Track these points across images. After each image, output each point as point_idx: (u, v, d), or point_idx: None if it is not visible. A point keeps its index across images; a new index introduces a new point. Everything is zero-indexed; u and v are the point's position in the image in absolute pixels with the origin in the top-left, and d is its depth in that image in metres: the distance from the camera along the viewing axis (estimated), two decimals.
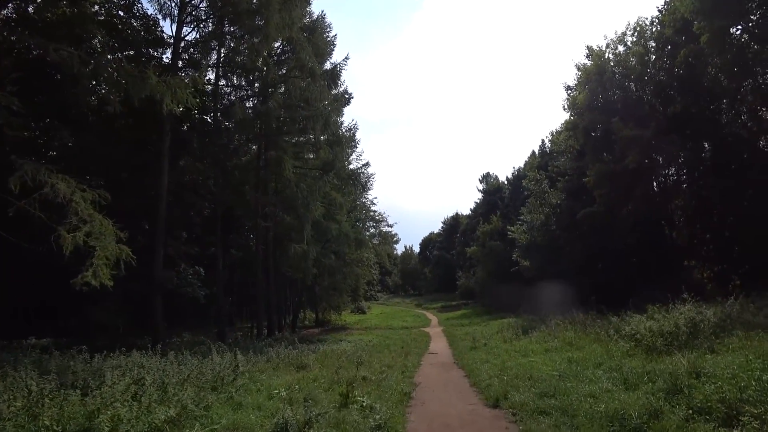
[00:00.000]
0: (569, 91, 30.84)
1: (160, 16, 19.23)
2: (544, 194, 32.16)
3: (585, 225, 27.95)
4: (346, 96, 29.68)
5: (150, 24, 19.69)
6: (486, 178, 70.36)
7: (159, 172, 17.66)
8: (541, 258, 32.20)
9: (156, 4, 18.63)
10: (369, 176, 30.46)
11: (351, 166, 29.17)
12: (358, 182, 27.81)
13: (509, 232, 36.03)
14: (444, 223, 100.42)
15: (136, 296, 17.58)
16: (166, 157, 18.07)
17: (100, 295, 16.65)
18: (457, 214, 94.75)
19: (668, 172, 27.64)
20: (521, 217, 35.26)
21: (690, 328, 9.61)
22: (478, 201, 69.77)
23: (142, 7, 22.73)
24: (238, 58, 20.31)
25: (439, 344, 22.22)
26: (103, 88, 16.37)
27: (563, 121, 35.12)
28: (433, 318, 45.63)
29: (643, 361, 8.82)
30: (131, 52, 18.96)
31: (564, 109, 31.39)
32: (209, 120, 21.83)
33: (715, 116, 24.33)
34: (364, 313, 52.73)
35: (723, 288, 24.54)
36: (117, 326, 17.76)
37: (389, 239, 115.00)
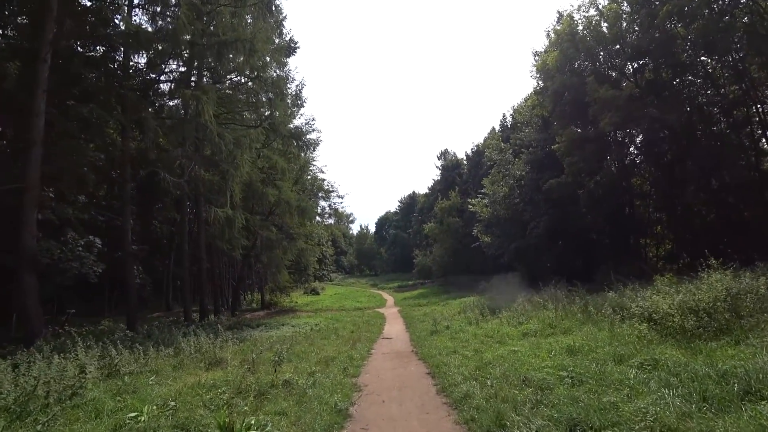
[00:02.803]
0: (536, 57, 28.65)
1: None
2: (508, 165, 29.93)
3: (551, 198, 25.99)
4: (292, 45, 25.99)
5: None
6: (444, 154, 68.11)
7: (31, 110, 13.47)
8: (504, 233, 30.20)
9: None
10: (316, 139, 26.92)
11: (296, 122, 25.48)
12: (302, 141, 24.17)
13: (470, 206, 33.77)
14: (400, 201, 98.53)
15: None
16: (42, 90, 13.84)
17: None
18: (413, 192, 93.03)
19: (637, 141, 26.15)
20: (482, 190, 32.98)
21: (729, 304, 7.20)
22: (436, 178, 67.71)
23: None
24: None
25: (394, 327, 19.50)
26: None
27: (529, 92, 33.26)
28: (389, 298, 43.21)
29: (682, 351, 6.30)
30: None
31: (531, 77, 29.46)
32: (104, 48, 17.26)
33: (689, 87, 22.89)
34: (317, 294, 49.68)
35: (672, 266, 23.77)
36: None
37: (344, 218, 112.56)
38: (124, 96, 17.68)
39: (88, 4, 18.33)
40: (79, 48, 17.89)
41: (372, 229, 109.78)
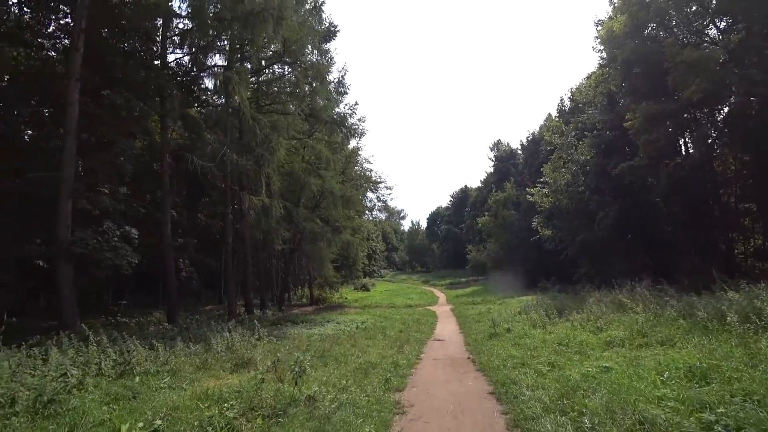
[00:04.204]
0: (599, 27, 25.46)
1: None
2: (570, 149, 27.03)
3: (622, 184, 23.01)
4: (332, 29, 24.78)
5: None
6: (497, 145, 64.75)
7: (65, 99, 13.03)
8: (567, 226, 27.36)
9: None
10: (361, 126, 25.47)
11: (339, 110, 24.26)
12: (345, 128, 22.86)
13: (528, 196, 31.03)
14: (452, 196, 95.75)
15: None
16: (75, 78, 13.40)
17: None
18: (465, 186, 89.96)
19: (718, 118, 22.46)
20: (541, 179, 30.19)
21: None
22: (489, 170, 64.63)
23: None
24: None
25: (447, 327, 17.72)
26: None
27: (589, 71, 30.04)
28: (441, 295, 41.29)
29: None
30: None
31: (593, 49, 26.22)
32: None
33: None
34: (367, 290, 48.63)
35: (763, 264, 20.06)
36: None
37: (395, 214, 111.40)
38: (162, 88, 17.21)
39: None
40: (113, 41, 17.61)
41: (423, 225, 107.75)
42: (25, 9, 19.01)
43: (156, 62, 18.51)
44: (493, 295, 33.70)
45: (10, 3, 18.67)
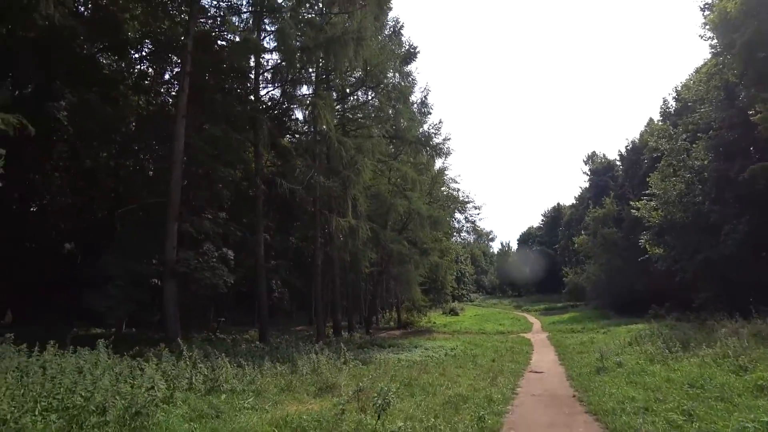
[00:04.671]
0: (706, 12, 22.56)
1: None
2: (682, 153, 23.96)
3: (754, 190, 19.73)
4: (412, 50, 25.02)
5: None
6: (591, 158, 60.21)
7: (173, 134, 14.48)
8: (682, 243, 24.00)
9: None
10: (446, 146, 24.93)
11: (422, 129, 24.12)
12: (430, 147, 22.59)
13: (633, 210, 27.95)
14: (544, 215, 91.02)
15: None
16: (182, 115, 14.78)
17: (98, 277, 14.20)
18: (558, 204, 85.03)
19: None
20: (648, 191, 27.06)
21: None
22: (584, 185, 60.17)
23: None
24: None
25: (545, 358, 16.18)
26: None
27: (697, 65, 26.77)
28: (535, 322, 38.58)
29: None
30: None
31: (702, 38, 23.17)
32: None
33: None
34: (456, 314, 47.16)
35: None
36: (116, 315, 14.84)
37: (483, 236, 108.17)
38: (255, 120, 18.44)
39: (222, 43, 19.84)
40: (214, 81, 19.35)
41: (514, 246, 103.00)
42: (145, 61, 21.90)
43: (251, 97, 19.96)
44: (594, 323, 30.68)
45: (134, 58, 21.50)
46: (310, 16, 15.77)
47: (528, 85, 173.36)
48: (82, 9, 19.48)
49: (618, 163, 50.53)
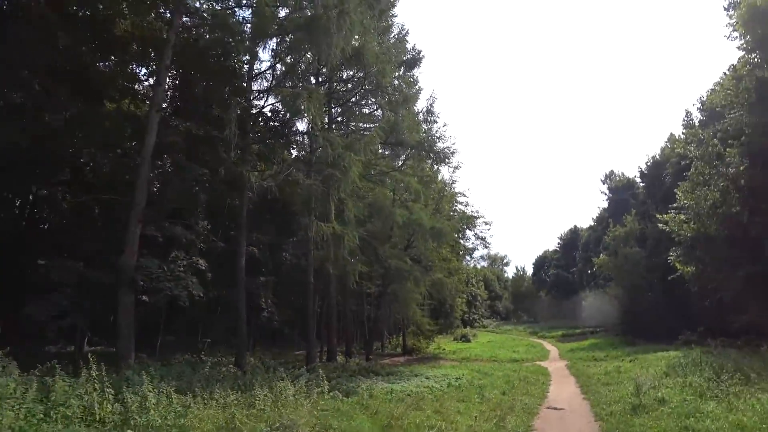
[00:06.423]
0: (731, 10, 20.94)
1: None
2: (715, 160, 21.68)
3: None
4: (416, 55, 23.66)
5: None
6: (609, 176, 57.91)
7: (145, 128, 13.04)
8: (718, 258, 21.42)
9: None
10: (452, 149, 22.85)
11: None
12: (434, 154, 20.77)
13: (660, 224, 25.49)
14: (560, 238, 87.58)
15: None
16: (156, 110, 13.30)
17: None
18: (575, 227, 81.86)
19: None
20: (674, 204, 24.72)
21: None
22: (603, 205, 57.70)
23: None
24: None
25: (565, 390, 13.78)
26: None
27: (723, 72, 24.84)
28: (552, 349, 35.82)
29: None
30: None
31: (728, 38, 21.44)
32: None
33: None
34: (468, 341, 44.46)
35: None
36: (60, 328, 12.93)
37: (498, 260, 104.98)
38: (244, 121, 16.92)
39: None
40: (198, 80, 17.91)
41: (529, 270, 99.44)
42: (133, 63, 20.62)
43: (239, 98, 18.54)
44: (618, 350, 28.04)
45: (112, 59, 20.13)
46: None
47: (540, 107, 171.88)
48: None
49: (638, 180, 48.15)
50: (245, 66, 19.10)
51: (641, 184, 46.53)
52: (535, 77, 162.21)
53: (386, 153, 23.45)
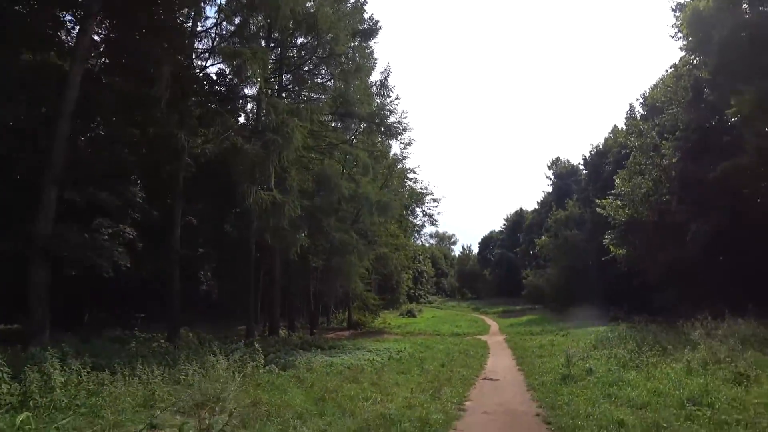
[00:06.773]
0: (677, 12, 21.90)
1: None
2: (651, 150, 22.91)
3: (726, 188, 18.69)
4: (372, 26, 22.88)
5: None
6: (555, 163, 60.06)
7: (65, 81, 11.55)
8: (647, 243, 22.90)
9: None
10: (403, 124, 22.56)
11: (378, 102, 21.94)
12: (384, 126, 20.36)
13: (598, 208, 26.76)
14: (506, 219, 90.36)
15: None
16: (79, 61, 11.90)
17: None
18: (521, 209, 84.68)
19: None
20: (611, 191, 26.06)
21: None
22: (547, 190, 59.92)
23: None
24: None
25: (501, 362, 14.22)
26: None
27: (665, 71, 26.24)
28: (493, 324, 37.13)
29: None
30: None
31: (673, 38, 22.58)
32: None
33: None
34: (413, 316, 45.24)
35: None
36: None
37: (446, 239, 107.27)
38: (184, 81, 15.65)
39: None
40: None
41: (475, 249, 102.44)
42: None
43: (179, 56, 17.13)
44: (553, 325, 29.39)
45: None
46: None
47: (492, 94, 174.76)
48: None
49: (582, 167, 50.29)
50: (189, 22, 17.81)
51: (584, 171, 48.63)
52: (490, 62, 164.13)
53: (338, 126, 22.75)
